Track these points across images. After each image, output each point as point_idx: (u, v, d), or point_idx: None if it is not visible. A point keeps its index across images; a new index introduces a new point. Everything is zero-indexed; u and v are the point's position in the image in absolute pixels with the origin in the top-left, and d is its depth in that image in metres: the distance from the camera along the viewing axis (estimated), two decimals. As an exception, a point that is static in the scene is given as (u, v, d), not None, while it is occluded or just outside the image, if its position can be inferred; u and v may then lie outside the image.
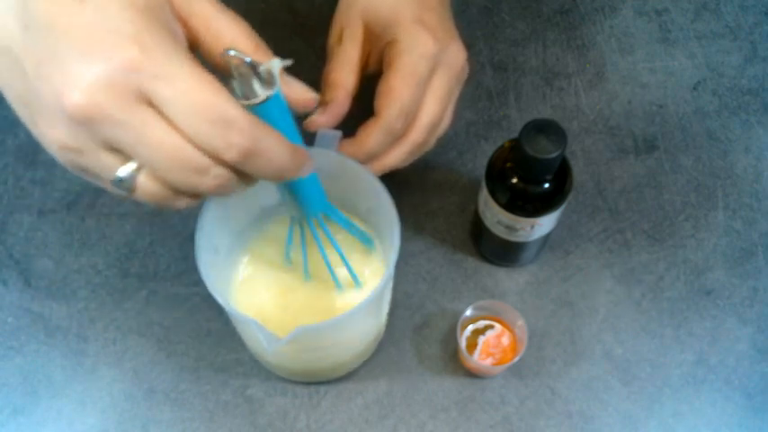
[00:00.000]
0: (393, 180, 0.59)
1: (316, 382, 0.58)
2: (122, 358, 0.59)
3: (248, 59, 0.36)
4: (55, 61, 0.32)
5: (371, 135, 0.51)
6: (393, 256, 0.48)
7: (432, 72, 0.52)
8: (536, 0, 0.74)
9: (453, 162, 0.66)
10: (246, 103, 0.37)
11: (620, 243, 0.63)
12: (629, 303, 0.61)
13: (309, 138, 0.52)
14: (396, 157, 0.53)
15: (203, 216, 0.48)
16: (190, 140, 0.33)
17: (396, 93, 0.50)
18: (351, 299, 0.56)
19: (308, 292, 0.56)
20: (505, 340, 0.58)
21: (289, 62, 0.38)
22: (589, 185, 0.66)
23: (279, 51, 0.77)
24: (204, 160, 0.33)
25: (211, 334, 0.60)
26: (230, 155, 0.33)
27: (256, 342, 0.53)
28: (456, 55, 0.53)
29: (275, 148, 0.35)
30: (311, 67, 0.55)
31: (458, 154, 0.66)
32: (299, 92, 0.41)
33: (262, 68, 0.37)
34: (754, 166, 0.67)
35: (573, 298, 0.61)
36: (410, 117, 0.52)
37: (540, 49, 0.72)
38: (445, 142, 0.66)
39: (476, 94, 0.69)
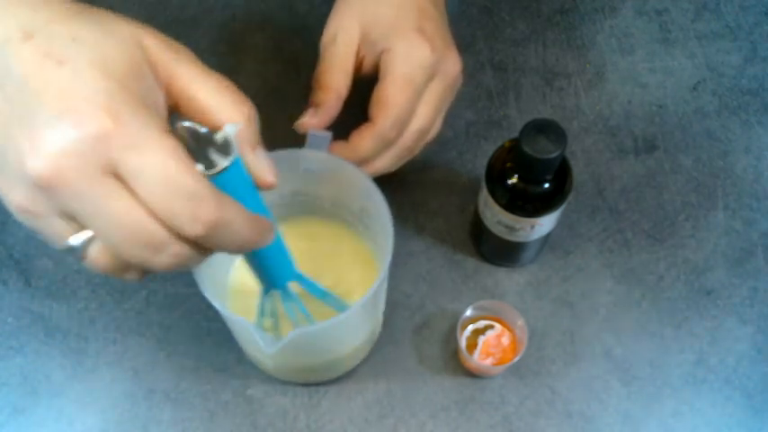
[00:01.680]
0: (393, 180, 0.59)
1: (313, 383, 0.58)
2: (122, 358, 0.59)
3: (203, 130, 0.34)
4: (23, 122, 0.30)
5: (364, 141, 0.51)
6: (387, 255, 0.47)
7: (427, 81, 0.52)
8: (536, 0, 0.74)
9: (453, 162, 0.66)
10: (206, 173, 0.35)
11: (620, 243, 0.63)
12: (629, 303, 0.61)
13: (299, 139, 0.52)
14: (384, 162, 0.53)
15: None
16: (153, 214, 0.31)
17: (392, 101, 0.50)
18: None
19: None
20: (505, 340, 0.58)
21: (239, 125, 0.36)
22: (589, 185, 0.66)
23: (279, 51, 0.77)
24: (163, 236, 0.32)
25: (211, 334, 0.60)
26: (195, 229, 0.32)
27: (252, 344, 0.52)
28: (452, 65, 0.53)
29: (239, 220, 0.34)
30: (311, 68, 0.55)
31: (458, 154, 0.66)
32: (264, 169, 0.38)
33: (218, 136, 0.35)
34: (754, 166, 0.67)
35: (573, 298, 0.61)
36: (404, 125, 0.52)
37: (540, 49, 0.71)
38: (445, 142, 0.67)
39: (476, 94, 0.69)
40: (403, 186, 0.64)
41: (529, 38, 0.72)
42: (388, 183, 0.50)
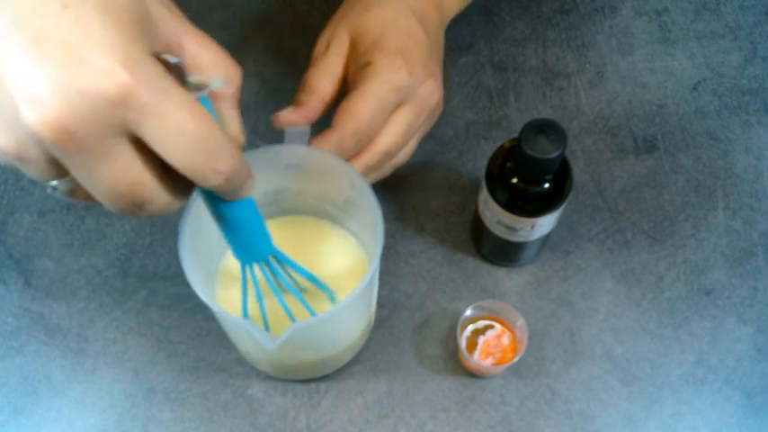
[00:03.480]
0: (393, 180, 0.59)
1: (310, 379, 0.58)
2: (122, 358, 0.59)
3: (174, 60, 0.33)
4: (22, 66, 0.28)
5: (321, 146, 0.51)
6: (378, 244, 0.47)
7: (398, 104, 0.52)
8: (536, 0, 0.74)
9: (453, 162, 0.66)
10: None
11: (620, 243, 0.63)
12: (629, 303, 0.61)
13: (278, 135, 0.52)
14: None
15: (183, 225, 0.48)
16: (154, 171, 0.32)
17: (353, 113, 0.50)
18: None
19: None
20: (505, 340, 0.58)
21: (221, 85, 0.36)
22: (589, 185, 0.66)
23: (279, 51, 0.77)
24: (152, 194, 0.32)
25: (211, 334, 0.60)
26: (215, 182, 0.32)
27: (248, 344, 0.52)
28: (430, 92, 0.53)
29: (237, 160, 0.33)
30: (311, 67, 0.55)
31: (458, 154, 0.66)
32: (236, 125, 0.39)
33: (191, 78, 0.35)
34: (754, 166, 0.67)
35: (573, 298, 0.61)
36: (364, 140, 0.52)
37: (540, 49, 0.72)
38: (445, 142, 0.67)
39: (476, 94, 0.69)
40: (403, 186, 0.64)
41: (529, 38, 0.72)
42: (387, 183, 0.51)
